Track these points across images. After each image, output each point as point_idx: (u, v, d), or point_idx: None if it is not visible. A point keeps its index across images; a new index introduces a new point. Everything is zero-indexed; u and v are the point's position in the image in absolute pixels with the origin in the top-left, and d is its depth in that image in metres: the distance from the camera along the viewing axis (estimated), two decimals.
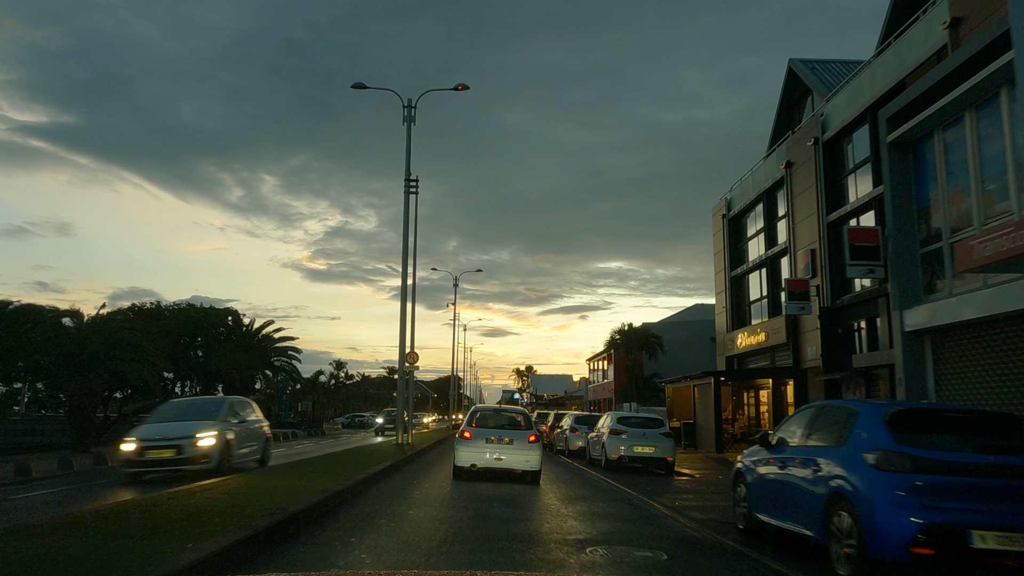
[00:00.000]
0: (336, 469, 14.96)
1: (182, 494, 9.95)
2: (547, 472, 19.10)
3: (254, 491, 10.27)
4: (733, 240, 38.01)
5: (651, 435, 20.21)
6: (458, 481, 15.50)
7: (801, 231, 29.14)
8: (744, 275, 36.77)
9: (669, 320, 60.13)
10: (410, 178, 28.40)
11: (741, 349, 34.83)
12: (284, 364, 43.73)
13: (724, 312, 38.08)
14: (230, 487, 10.90)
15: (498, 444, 15.43)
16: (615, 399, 56.40)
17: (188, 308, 38.96)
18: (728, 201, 38.56)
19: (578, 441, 26.88)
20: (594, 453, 22.40)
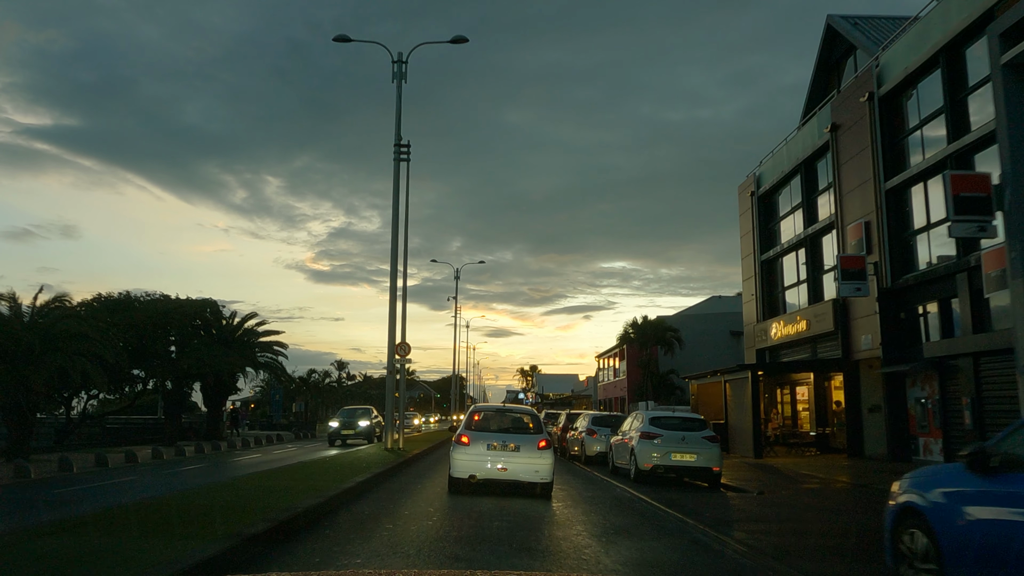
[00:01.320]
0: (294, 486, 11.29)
1: None
2: (564, 485, 15.37)
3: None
4: (763, 220, 34.21)
5: (692, 439, 16.41)
6: (454, 498, 12.59)
7: (851, 202, 25.32)
8: (777, 258, 32.96)
9: (685, 313, 56.28)
10: (400, 143, 24.65)
11: (775, 340, 31.02)
12: (269, 361, 39.95)
13: (753, 300, 34.27)
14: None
15: (502, 451, 13.09)
16: (628, 397, 52.57)
17: (159, 300, 35.21)
18: (757, 177, 34.76)
19: (596, 445, 23.12)
20: (619, 461, 18.61)
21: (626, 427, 18.79)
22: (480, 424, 13.99)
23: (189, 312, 34.64)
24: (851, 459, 23.92)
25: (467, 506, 11.77)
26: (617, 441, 19.03)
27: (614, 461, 19.23)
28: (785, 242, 31.66)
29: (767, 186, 33.44)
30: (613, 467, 19.31)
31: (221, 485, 11.52)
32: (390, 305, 23.48)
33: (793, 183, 31.33)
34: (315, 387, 66.14)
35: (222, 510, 8.17)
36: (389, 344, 23.54)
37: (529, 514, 10.91)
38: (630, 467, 17.10)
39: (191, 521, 7.63)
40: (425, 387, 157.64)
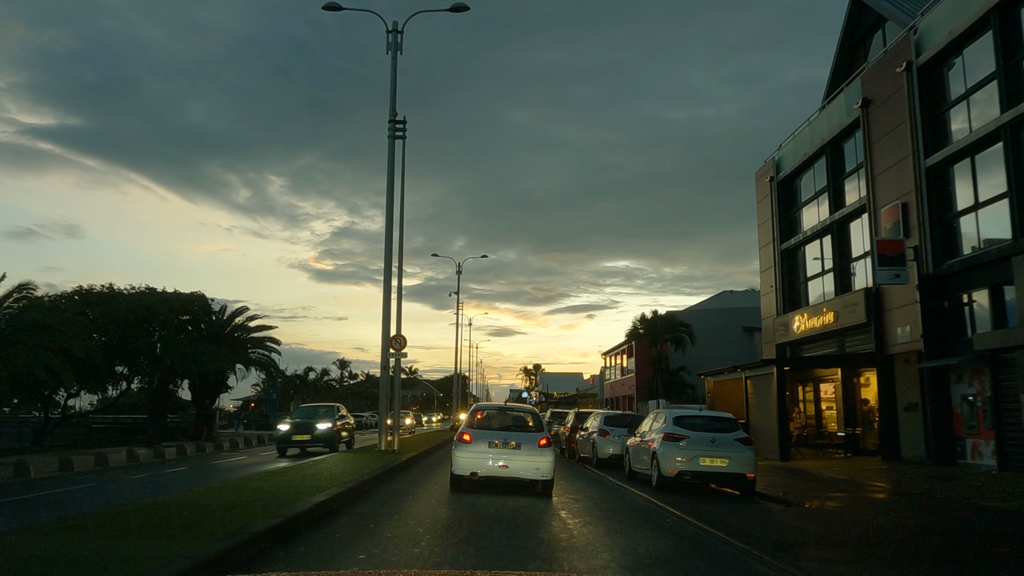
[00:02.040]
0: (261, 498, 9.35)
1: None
2: (577, 494, 13.46)
3: None
4: (784, 207, 32.17)
5: (723, 442, 14.43)
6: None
7: (885, 183, 23.31)
8: (798, 247, 30.93)
9: (695, 309, 54.27)
10: (395, 119, 22.71)
11: (798, 334, 28.98)
12: (261, 358, 38.01)
13: (773, 292, 32.24)
14: None
15: (503, 448, 13.32)
16: (637, 396, 50.59)
17: (144, 293, 33.29)
18: (776, 162, 32.73)
19: (609, 447, 21.19)
20: (637, 465, 16.64)
21: (645, 428, 16.80)
22: (482, 422, 14.14)
23: (175, 306, 32.73)
24: (886, 462, 21.92)
25: (466, 518, 9.83)
26: (635, 443, 17.04)
27: (631, 465, 17.25)
28: (808, 229, 29.64)
29: (788, 171, 31.41)
30: (630, 472, 17.33)
31: (165, 502, 9.51)
32: (384, 293, 21.55)
33: (817, 166, 29.30)
34: (312, 385, 64.16)
35: (148, 530, 6.22)
36: (383, 336, 21.61)
37: (542, 536, 8.97)
38: (651, 473, 15.12)
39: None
40: (428, 386, 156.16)
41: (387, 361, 21.52)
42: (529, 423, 14.34)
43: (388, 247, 21.65)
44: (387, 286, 21.53)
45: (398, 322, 22.89)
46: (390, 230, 21.72)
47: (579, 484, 16.23)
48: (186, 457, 25.53)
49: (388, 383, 21.58)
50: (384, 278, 21.50)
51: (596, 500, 13.12)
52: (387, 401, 21.46)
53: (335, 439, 24.59)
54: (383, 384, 21.50)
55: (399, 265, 23.29)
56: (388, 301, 21.37)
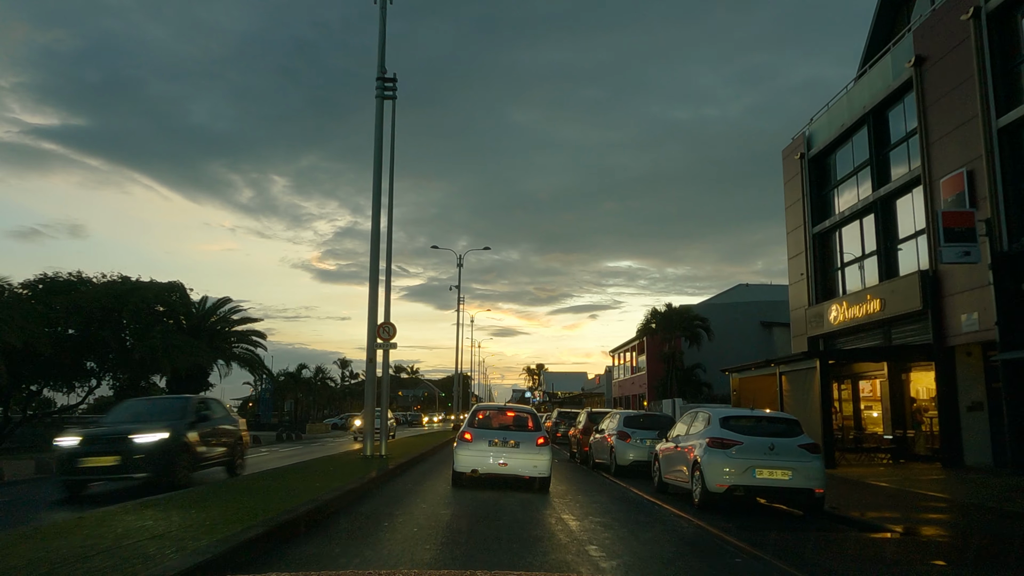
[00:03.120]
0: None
1: None
2: (603, 515, 10.63)
3: None
4: (816, 187, 29.25)
5: (785, 449, 11.54)
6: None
7: (944, 150, 20.39)
8: (833, 230, 28.00)
9: (710, 303, 51.29)
10: (384, 75, 19.83)
11: (835, 326, 26.06)
12: (245, 353, 35.14)
13: (804, 280, 29.30)
14: None
15: (502, 447, 13.92)
16: (648, 395, 47.68)
17: (114, 282, 30.39)
18: (807, 137, 29.80)
19: (630, 452, 18.31)
20: (671, 475, 13.75)
21: (681, 431, 13.90)
22: (483, 422, 14.59)
23: (148, 296, 29.83)
24: (949, 470, 19.01)
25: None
26: (668, 450, 14.13)
27: (662, 475, 14.34)
28: (845, 209, 26.70)
29: (821, 146, 28.48)
30: (660, 483, 14.43)
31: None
32: (371, 274, 18.69)
33: (856, 139, 26.37)
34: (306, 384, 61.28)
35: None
36: (369, 324, 18.74)
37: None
38: (691, 487, 12.21)
39: None
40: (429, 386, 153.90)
41: (374, 353, 18.65)
42: (528, 423, 14.73)
43: (375, 223, 18.80)
44: (374, 267, 18.67)
45: (386, 309, 20.03)
46: (377, 204, 18.87)
47: (601, 499, 13.34)
48: None
49: (375, 378, 18.68)
50: (371, 258, 18.65)
51: (629, 526, 10.22)
52: (374, 398, 18.58)
53: (172, 462, 12.60)
54: (369, 379, 18.61)
55: (388, 244, 20.47)
56: (375, 283, 18.52)
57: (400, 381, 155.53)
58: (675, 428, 14.39)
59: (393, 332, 19.06)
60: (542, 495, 13.24)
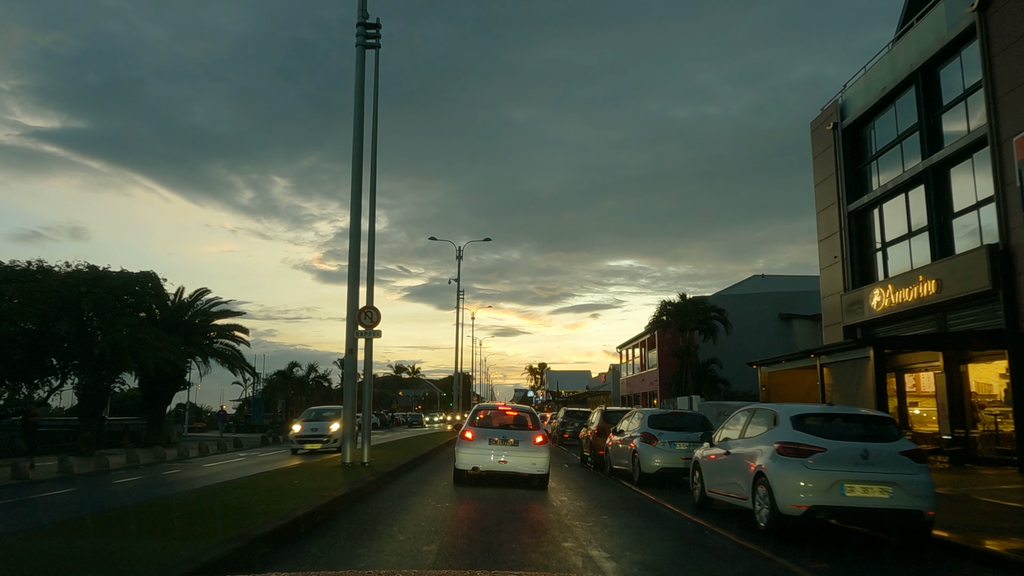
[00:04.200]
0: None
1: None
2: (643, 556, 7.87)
3: None
4: (851, 160, 26.40)
5: (882, 457, 8.74)
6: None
7: (1015, 105, 17.55)
8: (872, 206, 25.16)
9: (724, 294, 48.44)
10: (367, 22, 17.02)
11: (878, 312, 23.21)
12: (225, 349, 32.34)
13: (838, 264, 26.45)
14: None
15: (502, 445, 14.15)
16: (660, 392, 44.84)
17: (76, 272, 27.56)
18: (840, 105, 26.96)
19: (656, 458, 15.51)
20: (718, 489, 10.95)
21: (730, 434, 11.07)
22: (483, 421, 14.80)
23: (113, 286, 27.01)
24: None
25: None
26: (714, 457, 11.30)
27: (705, 488, 11.52)
28: (887, 182, 23.84)
29: (857, 114, 25.64)
30: (703, 498, 11.61)
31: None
32: (350, 249, 15.89)
33: (901, 102, 23.53)
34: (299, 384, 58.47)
35: None
36: (348, 308, 15.95)
37: None
38: (752, 506, 9.39)
39: None
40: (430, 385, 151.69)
41: (354, 342, 15.84)
42: (527, 422, 14.88)
43: (356, 179, 15.98)
44: (354, 241, 15.87)
45: (369, 288, 17.17)
46: (358, 161, 16.06)
47: (632, 521, 10.54)
48: (107, 470, 19.99)
49: (355, 371, 15.86)
50: (350, 229, 15.85)
51: (683, 566, 7.38)
52: (354, 396, 15.76)
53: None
54: (347, 373, 15.78)
55: (371, 211, 17.62)
56: (356, 254, 15.73)
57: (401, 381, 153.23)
58: (723, 430, 11.54)
59: (377, 318, 16.24)
60: (557, 516, 10.44)
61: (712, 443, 11.55)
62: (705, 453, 11.74)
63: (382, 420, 79.37)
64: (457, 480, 14.28)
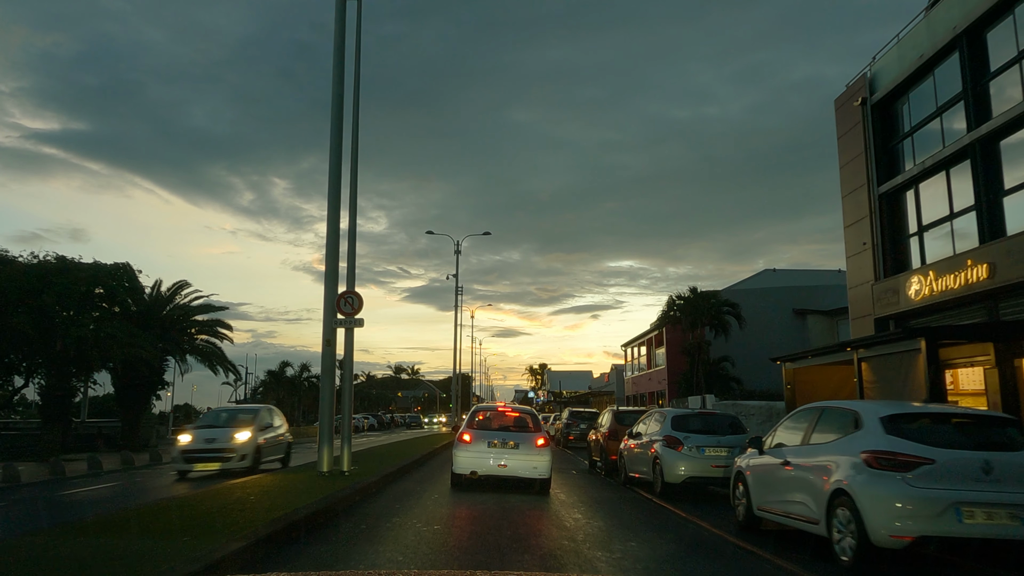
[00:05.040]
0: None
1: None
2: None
3: None
4: (882, 137, 24.27)
5: (1008, 470, 6.61)
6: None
7: None
8: (906, 187, 23.01)
9: (734, 288, 46.27)
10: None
11: (917, 302, 21.07)
12: (206, 346, 30.20)
13: (868, 251, 24.30)
14: None
15: (502, 448, 13.50)
16: (669, 391, 42.69)
17: (41, 263, 25.42)
18: (870, 79, 24.82)
19: (681, 464, 13.42)
20: (772, 507, 8.84)
21: (788, 440, 8.94)
22: (482, 423, 14.23)
23: (80, 277, 24.87)
24: None
25: None
26: (763, 468, 9.18)
27: (753, 504, 9.39)
28: (926, 159, 21.70)
29: (889, 87, 23.51)
30: (749, 516, 9.48)
31: None
32: (328, 223, 13.77)
33: (941, 72, 21.39)
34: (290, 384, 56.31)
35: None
36: (326, 294, 13.82)
37: None
38: (829, 532, 7.27)
39: None
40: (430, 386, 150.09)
41: (332, 332, 13.71)
42: (528, 424, 14.34)
43: (334, 129, 13.82)
44: (333, 212, 13.75)
45: (350, 269, 14.97)
46: (337, 119, 13.90)
47: (667, 549, 8.41)
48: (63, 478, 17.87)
49: (334, 365, 13.71)
50: (328, 199, 13.72)
51: None
52: (332, 394, 13.61)
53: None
54: (325, 369, 13.62)
55: (352, 180, 15.49)
56: (334, 229, 13.60)
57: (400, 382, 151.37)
58: (775, 434, 9.39)
59: (358, 304, 14.10)
60: (572, 543, 8.30)
61: (761, 450, 9.40)
62: (752, 463, 9.60)
63: (379, 421, 77.36)
64: (455, 484, 13.68)
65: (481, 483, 14.02)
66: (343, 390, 14.54)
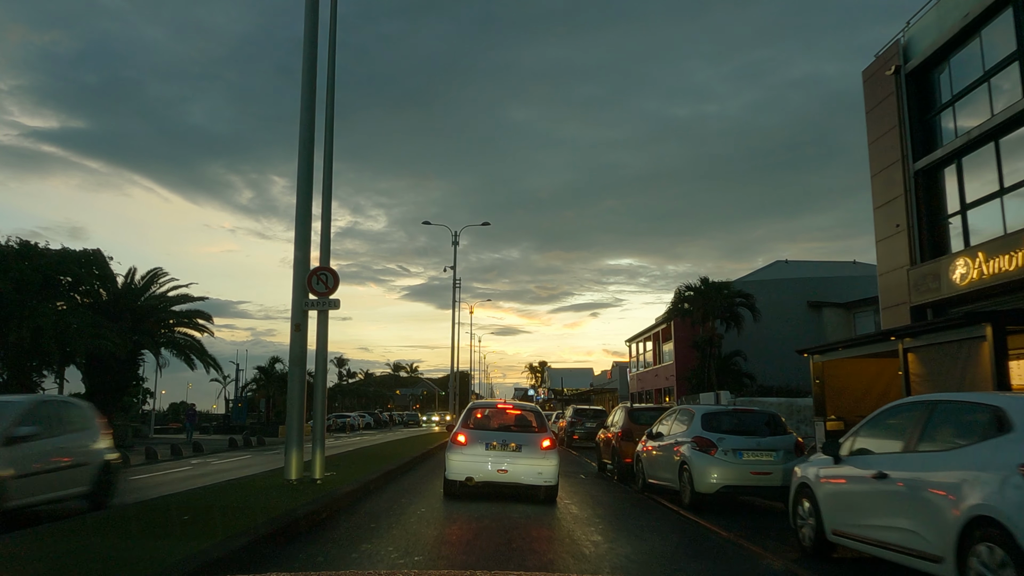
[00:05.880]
0: None
1: None
2: None
3: None
4: (917, 109, 22.18)
5: None
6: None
7: None
8: (947, 162, 20.92)
9: (745, 280, 44.15)
10: None
11: (963, 287, 18.99)
12: (179, 339, 28.08)
13: (903, 233, 22.21)
14: None
15: (502, 451, 11.76)
16: (678, 388, 40.61)
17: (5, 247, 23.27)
18: (904, 46, 22.72)
19: (713, 471, 11.36)
20: (861, 533, 6.79)
21: (879, 446, 6.84)
22: (479, 422, 12.67)
23: (43, 264, 22.74)
24: None
25: None
26: (845, 478, 7.06)
27: (825, 530, 7.28)
28: (972, 129, 19.59)
29: (926, 53, 21.40)
30: (818, 543, 7.41)
31: None
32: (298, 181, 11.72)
33: (988, 32, 19.28)
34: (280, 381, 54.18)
35: None
36: (295, 270, 11.76)
37: None
38: (961, 572, 5.11)
39: None
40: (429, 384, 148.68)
41: (302, 315, 11.62)
42: (532, 423, 12.75)
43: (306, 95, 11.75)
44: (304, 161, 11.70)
45: (324, 240, 12.80)
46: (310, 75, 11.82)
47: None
48: None
49: (304, 354, 11.61)
50: (300, 139, 11.70)
51: None
52: (302, 388, 11.52)
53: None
54: (293, 358, 11.52)
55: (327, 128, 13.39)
56: (306, 190, 11.55)
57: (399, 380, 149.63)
58: (857, 436, 7.29)
59: (333, 283, 12.04)
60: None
61: (838, 457, 7.29)
62: (825, 473, 7.51)
63: (376, 420, 75.33)
64: (448, 493, 12.00)
65: (477, 492, 12.00)
66: (315, 384, 12.46)
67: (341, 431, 57.54)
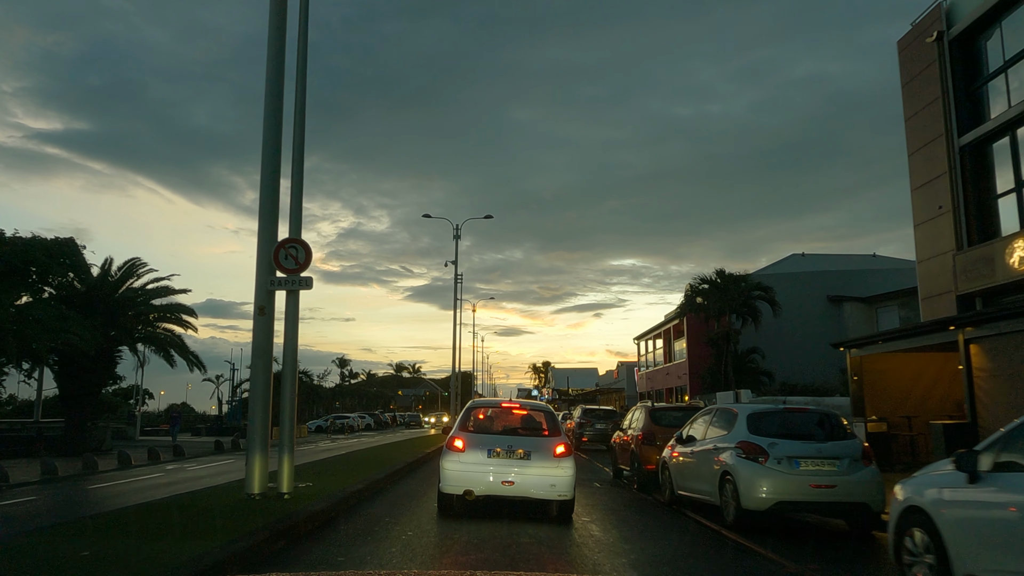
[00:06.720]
0: None
1: None
2: None
3: None
4: (962, 79, 20.16)
5: None
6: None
7: None
8: (997, 136, 18.91)
9: (762, 273, 42.06)
10: None
11: (1018, 272, 16.96)
12: (163, 335, 26.14)
13: (948, 215, 20.19)
14: None
15: (507, 458, 9.96)
16: (691, 387, 38.57)
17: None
18: (946, 10, 20.71)
19: (764, 484, 9.38)
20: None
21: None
22: (481, 424, 10.85)
23: (7, 252, 20.81)
24: None
25: None
26: (989, 506, 5.01)
27: (958, 567, 5.27)
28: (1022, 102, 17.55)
29: (972, 17, 19.40)
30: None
31: None
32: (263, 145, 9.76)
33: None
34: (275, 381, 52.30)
35: None
36: (259, 243, 9.79)
37: None
38: None
39: None
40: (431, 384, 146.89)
41: (267, 296, 9.66)
42: (542, 425, 10.83)
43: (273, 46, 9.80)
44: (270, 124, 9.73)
45: (295, 208, 10.78)
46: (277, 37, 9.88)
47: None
48: None
49: (270, 342, 9.65)
50: (267, 76, 9.79)
51: None
52: (267, 385, 9.57)
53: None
54: (257, 349, 9.57)
55: (300, 69, 11.45)
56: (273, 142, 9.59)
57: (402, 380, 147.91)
58: (1002, 445, 5.27)
59: (305, 259, 10.02)
60: None
61: (976, 474, 5.28)
62: (953, 496, 5.49)
63: (376, 420, 73.46)
64: (442, 510, 10.22)
65: (478, 508, 10.03)
66: (283, 379, 10.49)
67: (340, 432, 55.65)
